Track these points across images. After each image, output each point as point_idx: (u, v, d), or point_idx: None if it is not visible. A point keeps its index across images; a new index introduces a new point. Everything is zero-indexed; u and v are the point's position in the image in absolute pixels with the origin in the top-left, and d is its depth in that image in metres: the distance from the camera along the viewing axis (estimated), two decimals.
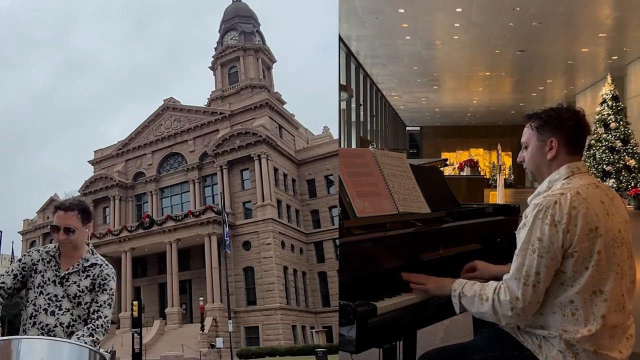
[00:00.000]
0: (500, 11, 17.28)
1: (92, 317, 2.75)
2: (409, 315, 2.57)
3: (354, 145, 24.87)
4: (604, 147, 21.84)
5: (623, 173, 21.50)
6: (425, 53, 23.12)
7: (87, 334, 2.65)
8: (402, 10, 17.64)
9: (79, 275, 2.81)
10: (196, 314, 23.47)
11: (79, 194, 28.09)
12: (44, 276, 2.83)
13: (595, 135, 22.02)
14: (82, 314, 2.79)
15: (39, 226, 29.19)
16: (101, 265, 2.84)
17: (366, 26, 19.69)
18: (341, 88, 18.44)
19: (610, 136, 21.88)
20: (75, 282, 2.80)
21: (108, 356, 2.43)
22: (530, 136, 2.55)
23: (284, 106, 27.80)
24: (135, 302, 18.88)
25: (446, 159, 21.80)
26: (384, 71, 27.41)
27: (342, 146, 24.42)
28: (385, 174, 3.12)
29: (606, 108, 22.31)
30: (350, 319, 2.31)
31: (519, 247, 2.34)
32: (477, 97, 34.08)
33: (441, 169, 8.34)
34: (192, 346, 20.85)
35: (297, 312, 23.28)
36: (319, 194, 25.63)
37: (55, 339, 2.58)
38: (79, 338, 2.62)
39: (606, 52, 22.66)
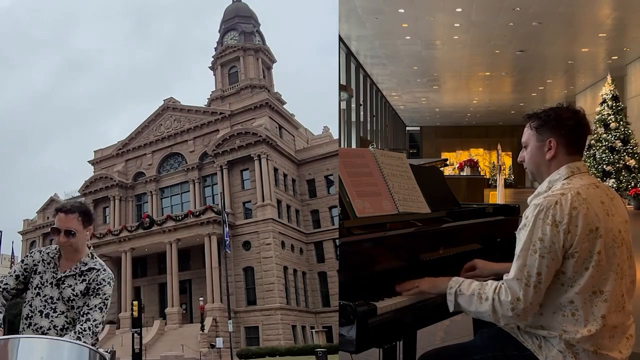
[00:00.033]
0: (500, 11, 17.28)
1: (80, 320, 2.71)
2: (409, 315, 2.57)
3: (354, 145, 24.86)
4: (604, 147, 21.84)
5: (623, 173, 21.50)
6: (425, 53, 23.12)
7: (74, 337, 2.61)
8: (402, 10, 17.64)
9: (75, 279, 2.80)
10: (196, 314, 23.47)
11: (79, 194, 28.12)
12: (42, 277, 2.82)
13: (595, 135, 22.02)
14: (75, 317, 2.78)
15: (39, 226, 29.20)
16: (98, 270, 2.82)
17: (366, 26, 19.68)
18: (341, 88, 18.44)
19: (610, 136, 21.89)
20: (71, 285, 2.79)
21: (108, 356, 2.43)
22: (529, 136, 2.55)
23: (284, 106, 27.79)
24: (135, 302, 18.90)
25: (446, 159, 21.78)
26: (384, 71, 27.41)
27: (342, 146, 24.41)
28: (385, 174, 3.12)
29: (606, 108, 22.31)
30: (350, 319, 2.31)
31: (519, 248, 2.33)
32: (477, 97, 34.08)
33: (441, 169, 8.34)
34: (192, 346, 20.85)
35: (297, 312, 23.27)
36: (319, 194, 25.62)
37: (55, 338, 2.56)
38: None
39: (606, 52, 22.66)
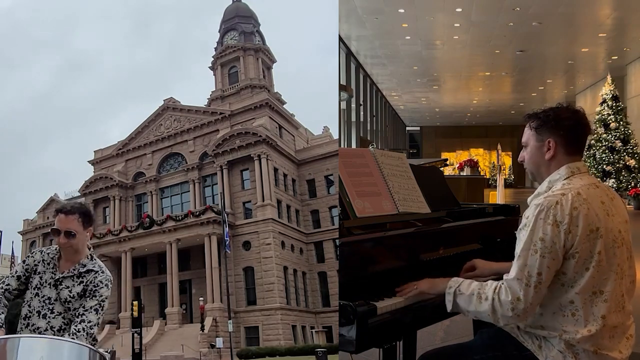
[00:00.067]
0: (500, 11, 17.28)
1: (75, 321, 2.70)
2: (409, 315, 2.57)
3: (354, 145, 24.87)
4: (604, 147, 21.84)
5: (623, 173, 21.50)
6: (425, 53, 23.12)
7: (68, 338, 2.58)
8: (402, 10, 17.64)
9: (73, 280, 2.79)
10: (196, 314, 23.46)
11: (79, 194, 28.11)
12: (42, 278, 2.82)
13: (595, 135, 22.01)
14: (72, 318, 2.77)
15: (39, 226, 29.19)
16: (96, 272, 2.80)
17: (366, 26, 19.68)
18: (341, 88, 18.43)
19: (610, 136, 21.88)
20: (68, 286, 2.78)
21: (108, 356, 2.42)
22: (529, 136, 2.55)
23: (284, 106, 27.77)
24: (135, 302, 18.90)
25: (446, 159, 21.76)
26: (384, 71, 27.41)
27: (342, 146, 24.42)
28: (385, 174, 3.12)
29: (606, 108, 22.30)
30: (350, 319, 2.31)
31: (520, 248, 2.32)
32: (477, 97, 34.07)
33: (441, 169, 8.34)
34: (192, 346, 20.84)
35: (297, 312, 23.26)
36: (319, 194, 25.61)
37: (56, 337, 2.56)
38: None
39: (606, 52, 22.66)
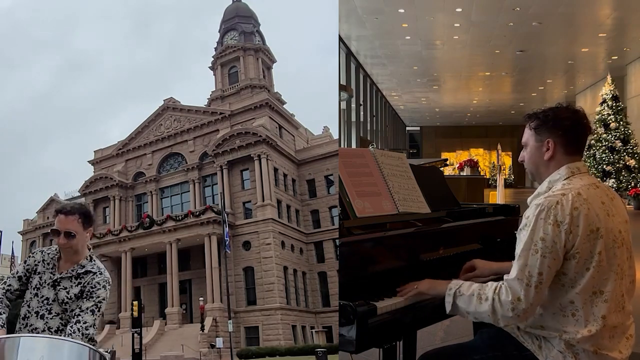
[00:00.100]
0: (500, 11, 17.28)
1: (70, 321, 2.69)
2: (409, 315, 2.57)
3: (354, 145, 24.86)
4: (604, 147, 21.84)
5: (623, 173, 21.50)
6: (425, 53, 23.12)
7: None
8: (402, 10, 17.64)
9: (71, 281, 2.78)
10: (196, 314, 23.46)
11: (79, 194, 28.11)
12: (41, 278, 2.81)
13: (595, 135, 22.00)
14: (69, 319, 2.76)
15: (39, 226, 29.19)
16: (95, 274, 2.78)
17: (366, 26, 19.68)
18: (341, 88, 18.42)
19: (610, 136, 21.88)
20: (66, 287, 2.77)
21: (108, 356, 2.42)
22: (529, 136, 2.55)
23: (284, 106, 27.77)
24: (135, 302, 18.89)
25: (446, 159, 21.77)
26: (384, 71, 27.40)
27: (342, 146, 24.41)
28: (385, 174, 3.12)
29: (606, 108, 22.30)
30: (350, 319, 2.31)
31: (521, 248, 2.31)
32: (477, 97, 34.07)
33: (441, 169, 8.34)
34: (192, 346, 20.84)
35: (297, 312, 23.26)
36: (319, 194, 25.61)
37: (56, 337, 2.56)
38: None
39: (606, 52, 22.66)
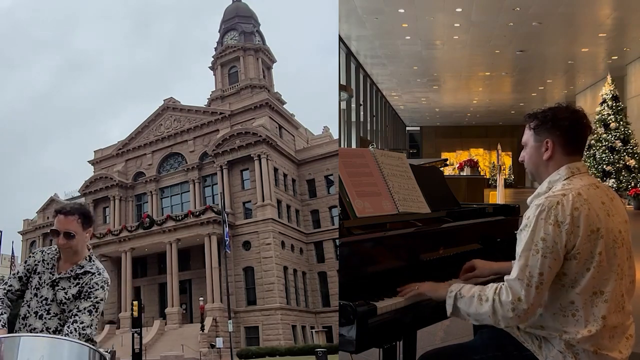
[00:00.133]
0: (500, 11, 17.28)
1: (68, 322, 2.68)
2: (409, 315, 2.57)
3: (354, 145, 24.86)
4: (604, 147, 21.83)
5: (623, 173, 21.50)
6: (425, 53, 23.11)
7: None
8: (402, 10, 17.64)
9: (70, 281, 2.77)
10: (196, 314, 23.46)
11: (79, 194, 28.11)
12: (41, 278, 2.81)
13: (595, 135, 22.00)
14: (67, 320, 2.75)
15: (39, 226, 29.19)
16: (93, 274, 2.78)
17: (366, 26, 19.68)
18: (341, 88, 18.42)
19: (610, 136, 21.88)
20: (64, 288, 2.76)
21: (108, 356, 2.42)
22: (528, 137, 2.55)
23: (284, 106, 27.78)
24: (135, 302, 18.89)
25: (446, 159, 21.77)
26: (384, 71, 27.40)
27: (342, 146, 24.41)
28: (385, 174, 3.12)
29: (606, 108, 22.30)
30: (350, 319, 2.31)
31: (521, 248, 2.31)
32: (477, 97, 34.07)
33: (441, 169, 8.34)
34: (192, 346, 20.84)
35: (297, 312, 23.26)
36: (319, 194, 25.61)
37: (56, 336, 2.56)
38: None
39: (606, 52, 22.66)
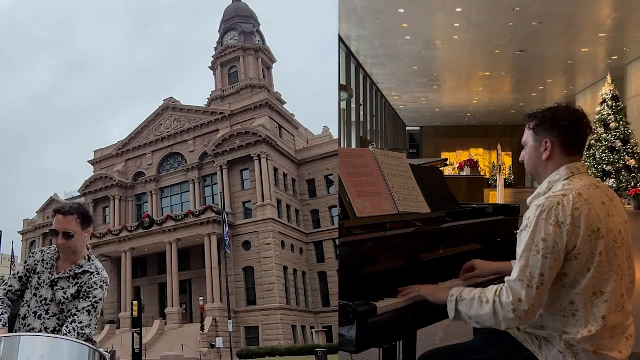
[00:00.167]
0: (500, 11, 17.28)
1: (66, 322, 2.67)
2: (409, 315, 2.57)
3: (354, 145, 24.85)
4: (604, 147, 21.83)
5: (623, 173, 21.49)
6: (425, 53, 23.11)
7: None
8: (402, 10, 17.64)
9: (69, 281, 2.77)
10: (196, 314, 23.46)
11: (79, 194, 28.11)
12: (40, 278, 2.81)
13: (595, 135, 21.99)
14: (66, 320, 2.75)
15: (39, 226, 29.19)
16: (92, 274, 2.77)
17: (366, 26, 19.68)
18: (341, 88, 18.41)
19: (610, 136, 21.87)
20: (63, 288, 2.76)
21: (108, 356, 2.42)
22: (528, 137, 2.55)
23: (284, 106, 27.78)
24: (135, 302, 18.89)
25: (446, 159, 21.77)
26: (384, 71, 27.40)
27: (342, 146, 24.41)
28: (385, 174, 3.12)
29: (606, 108, 22.29)
30: (350, 319, 2.31)
31: (522, 249, 2.30)
32: (477, 97, 34.06)
33: (441, 169, 8.34)
34: (192, 346, 20.84)
35: (297, 312, 23.26)
36: (319, 194, 25.62)
37: (56, 336, 2.55)
38: None
39: (606, 52, 22.66)
